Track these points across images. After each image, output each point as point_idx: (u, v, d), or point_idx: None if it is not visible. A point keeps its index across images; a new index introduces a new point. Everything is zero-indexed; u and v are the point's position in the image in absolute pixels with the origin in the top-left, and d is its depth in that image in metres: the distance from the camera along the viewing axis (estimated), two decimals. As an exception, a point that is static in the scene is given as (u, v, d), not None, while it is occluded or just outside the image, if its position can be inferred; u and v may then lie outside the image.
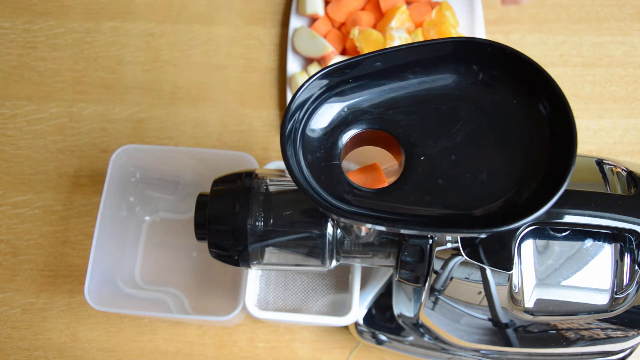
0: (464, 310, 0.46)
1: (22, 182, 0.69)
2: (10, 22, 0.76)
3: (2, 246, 0.66)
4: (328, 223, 0.44)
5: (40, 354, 0.63)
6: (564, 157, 0.35)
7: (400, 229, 0.37)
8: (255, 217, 0.43)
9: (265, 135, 0.71)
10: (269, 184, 0.45)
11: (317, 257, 0.45)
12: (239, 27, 0.76)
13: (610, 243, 0.43)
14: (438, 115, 0.39)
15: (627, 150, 0.70)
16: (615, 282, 0.43)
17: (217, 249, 0.46)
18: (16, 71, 0.74)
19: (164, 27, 0.75)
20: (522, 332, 0.47)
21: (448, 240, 0.41)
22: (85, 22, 0.76)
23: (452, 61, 0.39)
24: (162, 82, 0.73)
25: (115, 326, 0.63)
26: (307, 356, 0.62)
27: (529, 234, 0.43)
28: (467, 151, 0.38)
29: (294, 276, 0.59)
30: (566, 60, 0.74)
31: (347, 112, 0.40)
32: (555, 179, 0.35)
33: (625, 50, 0.74)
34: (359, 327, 0.58)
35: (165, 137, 0.70)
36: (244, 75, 0.74)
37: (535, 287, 0.43)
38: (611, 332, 0.46)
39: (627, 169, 0.45)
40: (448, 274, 0.43)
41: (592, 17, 0.76)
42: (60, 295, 0.64)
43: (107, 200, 0.57)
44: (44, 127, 0.71)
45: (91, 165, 0.69)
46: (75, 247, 0.66)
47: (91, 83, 0.73)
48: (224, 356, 0.62)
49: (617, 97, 0.72)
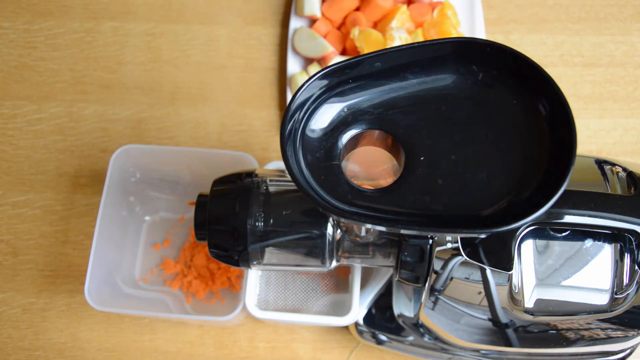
0: (464, 310, 0.46)
1: (22, 182, 0.69)
2: (10, 22, 0.76)
3: (2, 246, 0.66)
4: (328, 223, 0.44)
5: (41, 354, 0.63)
6: (564, 157, 0.35)
7: (400, 229, 0.37)
8: (255, 217, 0.43)
9: (265, 135, 0.71)
10: (269, 184, 0.45)
11: (317, 257, 0.45)
12: (239, 27, 0.76)
13: (610, 243, 0.43)
14: (438, 116, 0.39)
15: (627, 150, 0.70)
16: (615, 282, 0.43)
17: (217, 249, 0.45)
18: (16, 71, 0.74)
19: (164, 27, 0.76)
20: (522, 332, 0.47)
21: (448, 240, 0.41)
22: (85, 22, 0.76)
23: (452, 61, 0.39)
24: (162, 82, 0.73)
25: (115, 326, 0.63)
26: (307, 356, 0.62)
27: (529, 234, 0.43)
28: (467, 151, 0.38)
29: (294, 276, 0.60)
30: (566, 60, 0.74)
31: (347, 113, 0.40)
32: (555, 179, 0.35)
33: (625, 50, 0.74)
34: (359, 327, 0.59)
35: (165, 137, 0.70)
36: (244, 75, 0.74)
37: (535, 287, 0.43)
38: (611, 332, 0.46)
39: (627, 169, 0.45)
40: (448, 274, 0.43)
41: (592, 17, 0.76)
42: (60, 295, 0.64)
43: (107, 200, 0.57)
44: (44, 127, 0.71)
45: (91, 165, 0.69)
46: (75, 247, 0.66)
47: (91, 83, 0.73)
48: (224, 356, 0.62)
49: (617, 97, 0.72)
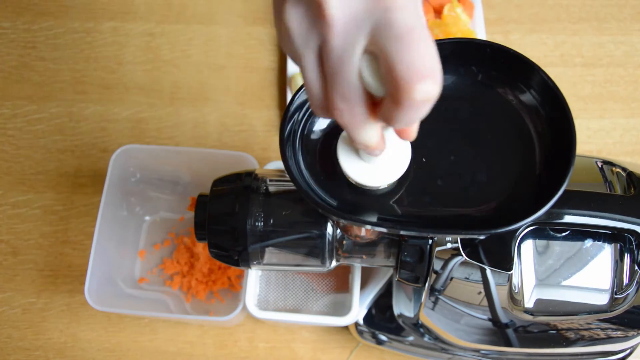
0: (464, 310, 0.46)
1: (22, 182, 0.69)
2: (11, 22, 0.76)
3: (2, 246, 0.66)
4: (328, 223, 0.44)
5: (41, 353, 0.63)
6: (564, 158, 0.35)
7: (399, 230, 0.37)
8: (255, 218, 0.43)
9: (265, 135, 0.71)
10: (268, 184, 0.45)
11: (317, 257, 0.45)
12: (239, 27, 0.76)
13: (610, 243, 0.43)
14: (437, 116, 0.39)
15: (627, 150, 0.70)
16: (615, 282, 0.43)
17: (217, 249, 0.45)
18: (16, 71, 0.74)
19: (164, 27, 0.76)
20: (522, 332, 0.47)
21: (448, 241, 0.41)
22: (85, 22, 0.76)
23: (451, 62, 0.39)
24: (162, 82, 0.73)
25: (115, 326, 0.63)
26: (307, 356, 0.62)
27: (529, 234, 0.43)
28: (466, 152, 0.38)
29: (294, 276, 0.60)
30: (566, 60, 0.74)
31: (346, 113, 0.40)
32: (554, 179, 0.35)
33: (625, 50, 0.74)
34: (359, 327, 0.59)
35: (165, 137, 0.70)
36: (244, 75, 0.74)
37: (535, 287, 0.43)
38: (611, 332, 0.46)
39: (627, 169, 0.45)
40: (448, 274, 0.43)
41: (592, 17, 0.75)
42: (60, 295, 0.64)
43: (107, 200, 0.57)
44: (44, 127, 0.71)
45: (91, 165, 0.69)
46: (75, 247, 0.66)
47: (91, 83, 0.73)
48: (224, 356, 0.62)
49: (617, 97, 0.72)
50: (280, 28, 0.30)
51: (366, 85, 0.29)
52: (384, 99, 0.29)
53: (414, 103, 0.27)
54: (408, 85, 0.26)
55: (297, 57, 0.30)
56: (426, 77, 0.26)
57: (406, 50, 0.26)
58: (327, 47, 0.28)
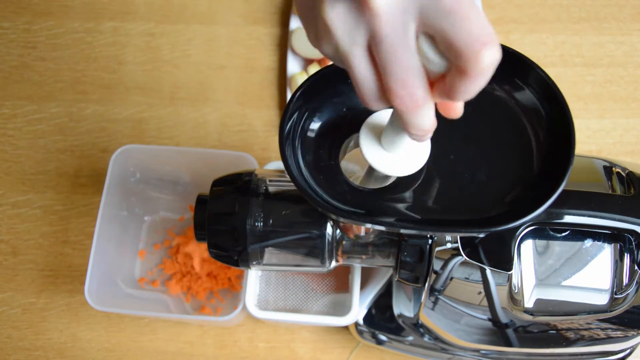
0: (464, 310, 0.46)
1: (22, 182, 0.69)
2: (11, 22, 0.76)
3: (2, 246, 0.66)
4: (327, 223, 0.44)
5: (41, 353, 0.63)
6: (563, 157, 0.35)
7: (399, 229, 0.37)
8: (255, 218, 0.43)
9: (265, 135, 0.71)
10: (268, 184, 0.45)
11: (317, 258, 0.45)
12: (239, 27, 0.76)
13: (610, 243, 0.43)
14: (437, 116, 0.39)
15: (627, 150, 0.70)
16: (615, 282, 0.43)
17: (216, 249, 0.45)
18: (16, 71, 0.74)
19: (164, 27, 0.76)
20: (522, 332, 0.47)
21: (448, 240, 0.41)
22: (85, 22, 0.76)
23: (451, 62, 0.39)
24: (162, 82, 0.73)
25: (115, 326, 0.63)
26: (307, 356, 0.62)
27: (529, 234, 0.43)
28: (466, 151, 0.38)
29: (294, 276, 0.60)
30: (566, 60, 0.73)
31: (346, 112, 0.40)
32: (553, 178, 0.35)
33: (625, 50, 0.74)
34: (359, 327, 0.58)
35: (165, 137, 0.70)
36: (244, 75, 0.73)
37: (535, 287, 0.43)
38: (611, 332, 0.46)
39: (627, 169, 0.45)
40: (448, 274, 0.43)
41: (592, 17, 0.75)
42: (60, 295, 0.64)
43: (107, 200, 0.57)
44: (44, 127, 0.71)
45: (91, 165, 0.69)
46: (75, 247, 0.66)
47: (91, 83, 0.73)
48: (224, 356, 0.62)
49: (617, 97, 0.72)
50: (318, 31, 0.30)
51: (428, 64, 0.29)
52: (445, 74, 0.29)
53: (482, 70, 0.27)
54: (475, 55, 0.27)
55: (342, 56, 0.30)
56: (488, 42, 0.27)
57: (462, 22, 0.26)
58: (377, 38, 0.28)
